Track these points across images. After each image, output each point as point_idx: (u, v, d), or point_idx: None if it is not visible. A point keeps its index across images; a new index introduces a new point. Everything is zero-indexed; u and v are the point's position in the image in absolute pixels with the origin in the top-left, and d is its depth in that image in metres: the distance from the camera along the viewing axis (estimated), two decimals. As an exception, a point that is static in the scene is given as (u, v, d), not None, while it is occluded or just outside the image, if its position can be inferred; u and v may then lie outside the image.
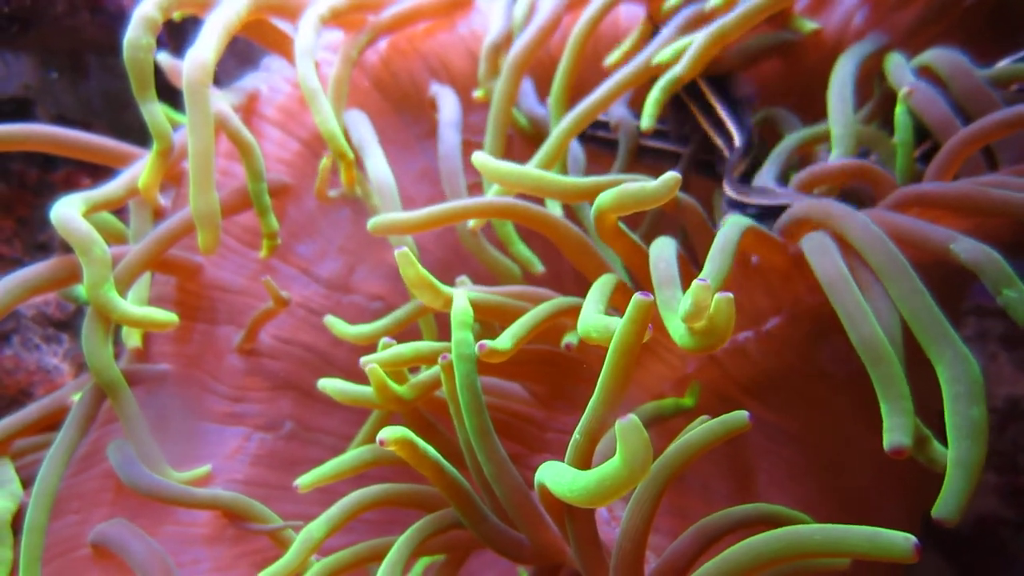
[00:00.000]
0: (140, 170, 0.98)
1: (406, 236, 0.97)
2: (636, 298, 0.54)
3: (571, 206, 1.02)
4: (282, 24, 1.09)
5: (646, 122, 0.96)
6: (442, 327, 0.98)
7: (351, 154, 1.02)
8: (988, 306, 1.27)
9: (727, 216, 0.80)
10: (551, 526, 0.69)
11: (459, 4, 1.13)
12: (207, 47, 0.96)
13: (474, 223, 0.99)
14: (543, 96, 1.10)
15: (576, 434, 0.60)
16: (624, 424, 0.46)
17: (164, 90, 1.00)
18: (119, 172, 1.02)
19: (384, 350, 0.79)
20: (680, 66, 0.94)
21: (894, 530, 0.53)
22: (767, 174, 0.91)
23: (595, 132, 1.10)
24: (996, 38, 0.97)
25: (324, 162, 1.02)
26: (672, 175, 0.68)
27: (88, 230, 0.89)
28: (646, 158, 1.07)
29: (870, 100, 0.96)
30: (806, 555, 0.53)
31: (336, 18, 1.08)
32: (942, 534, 1.21)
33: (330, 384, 0.84)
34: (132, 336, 1.01)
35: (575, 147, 1.07)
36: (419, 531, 0.72)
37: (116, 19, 1.51)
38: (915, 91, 0.82)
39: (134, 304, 0.95)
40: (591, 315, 0.69)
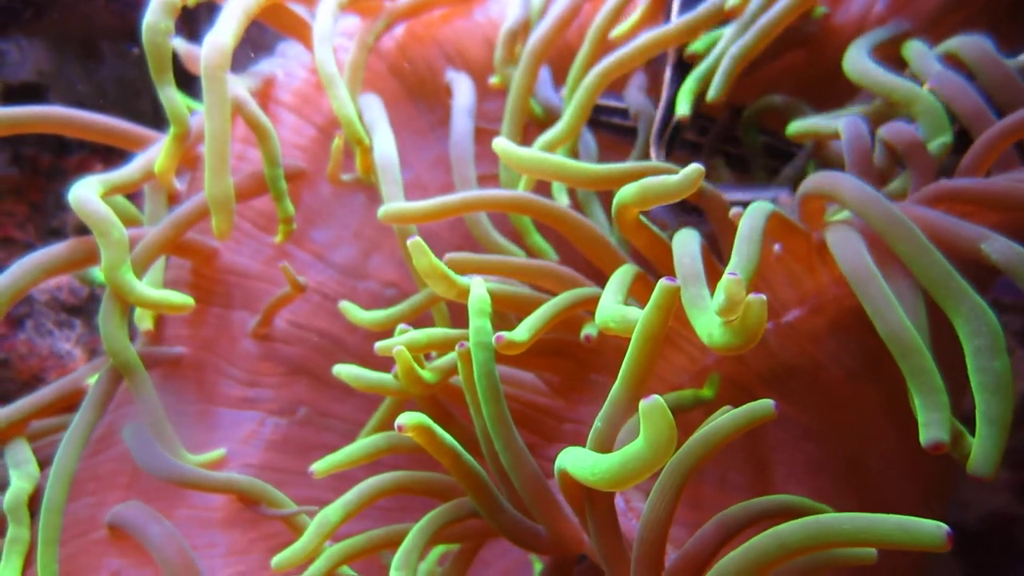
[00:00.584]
0: (156, 154, 0.98)
1: (412, 225, 0.96)
2: (662, 283, 0.53)
3: (578, 199, 1.02)
4: (298, 9, 1.09)
5: (683, 109, 0.94)
6: (454, 315, 0.98)
7: (367, 140, 1.01)
8: (1005, 302, 1.26)
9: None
10: (569, 516, 0.68)
11: (476, -10, 1.13)
12: (226, 31, 0.96)
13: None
14: (559, 85, 1.09)
15: (597, 422, 0.60)
16: (648, 404, 0.45)
17: (178, 77, 1.00)
18: (132, 157, 1.02)
19: (400, 335, 0.78)
20: (713, 90, 0.93)
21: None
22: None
23: (611, 119, 1.09)
24: (1021, 25, 0.95)
25: (336, 142, 1.02)
26: (695, 167, 0.67)
27: (106, 212, 0.89)
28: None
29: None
30: (834, 544, 0.51)
31: (353, 4, 1.07)
32: (955, 529, 1.20)
33: (345, 370, 0.83)
34: (145, 319, 1.01)
35: (587, 135, 1.07)
36: (435, 520, 0.72)
37: (130, 5, 1.51)
38: (943, 80, 0.81)
39: (148, 287, 0.95)
40: (609, 305, 0.68)
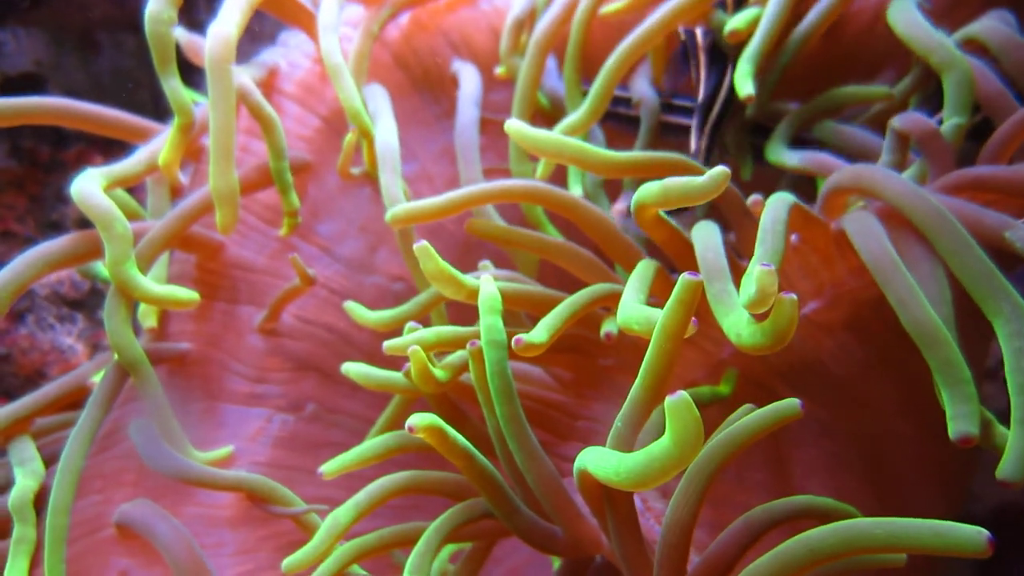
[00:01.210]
0: (159, 146, 0.96)
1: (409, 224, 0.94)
2: (684, 278, 0.52)
3: (586, 191, 1.00)
4: (302, -1, 1.07)
5: (748, 89, 0.87)
6: (454, 313, 0.96)
7: (374, 131, 0.99)
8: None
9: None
10: (586, 516, 0.67)
11: (482, -22, 1.11)
12: (230, 21, 0.94)
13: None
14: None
15: (617, 421, 0.58)
16: (674, 401, 0.44)
17: (179, 67, 0.98)
18: (132, 149, 1.00)
19: (411, 334, 0.77)
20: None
21: (930, 517, 0.51)
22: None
23: (615, 108, 1.07)
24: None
25: (349, 138, 1.00)
26: (721, 169, 0.65)
27: (109, 206, 0.87)
28: (668, 135, 1.04)
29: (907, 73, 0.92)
30: (866, 551, 0.49)
31: (357, -8, 1.05)
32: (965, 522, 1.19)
33: (354, 368, 0.82)
34: (149, 316, 1.00)
35: (596, 131, 1.05)
36: (448, 521, 0.71)
37: (128, -4, 1.49)
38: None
39: (153, 282, 0.94)
40: (632, 306, 0.66)
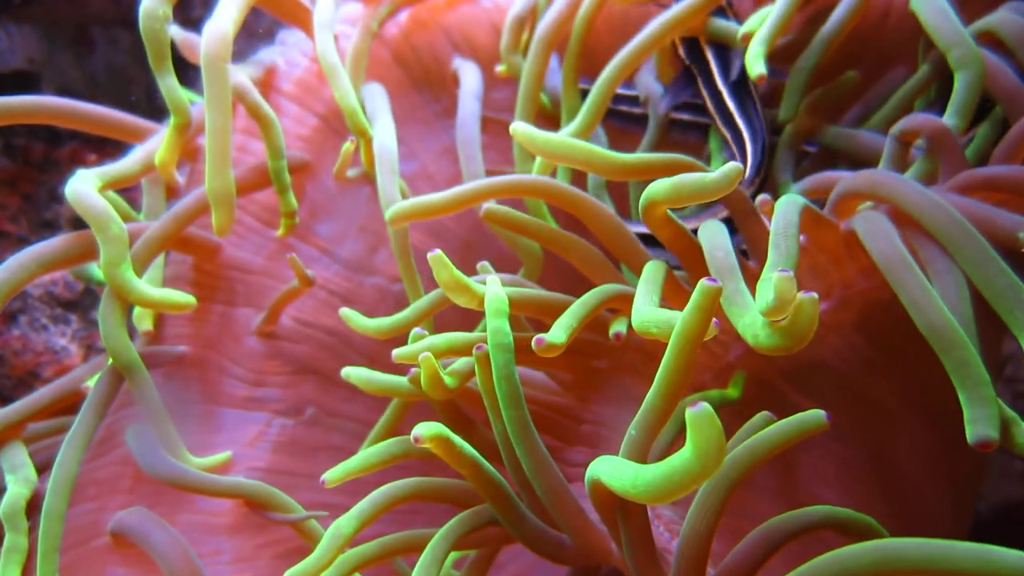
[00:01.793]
0: (155, 146, 0.94)
1: (406, 225, 0.93)
2: (703, 284, 0.50)
3: (588, 189, 0.98)
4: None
5: (757, 70, 0.84)
6: (439, 321, 0.94)
7: (371, 131, 0.98)
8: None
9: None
10: (595, 524, 0.66)
11: (483, -25, 1.09)
12: (226, 18, 0.92)
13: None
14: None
15: (632, 429, 0.57)
16: (696, 412, 0.42)
17: (175, 65, 0.96)
18: (127, 148, 0.99)
19: (417, 340, 0.75)
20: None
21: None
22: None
23: (618, 106, 1.05)
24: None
25: (347, 146, 0.99)
26: (733, 165, 0.64)
27: (105, 207, 0.85)
28: (675, 131, 1.03)
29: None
30: (901, 572, 0.47)
31: (356, -11, 1.04)
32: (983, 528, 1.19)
33: (355, 373, 0.80)
34: (144, 319, 0.98)
35: (599, 133, 1.03)
36: (454, 529, 0.69)
37: (123, -9, 1.47)
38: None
39: (149, 284, 0.92)
40: (648, 309, 0.64)
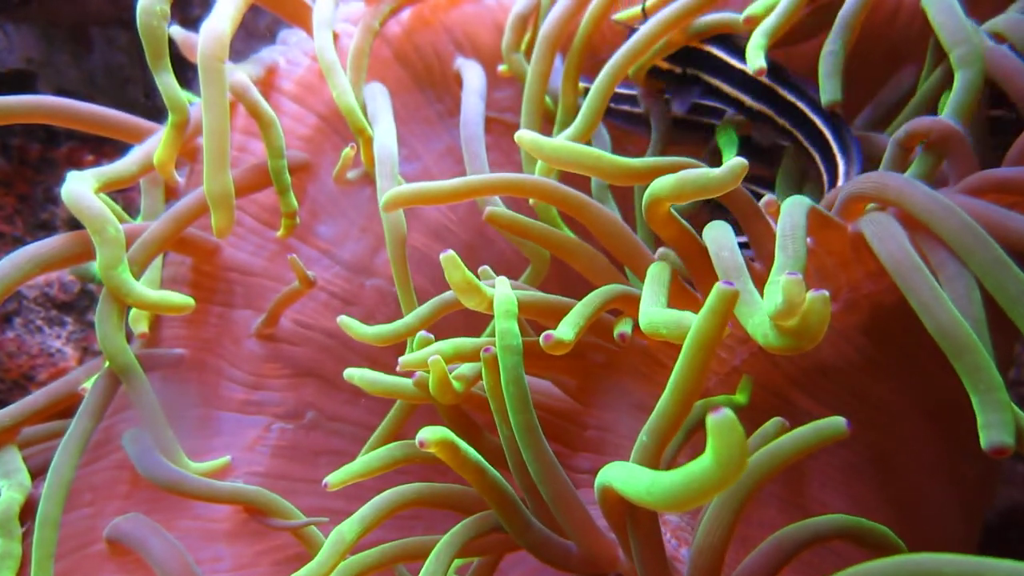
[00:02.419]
0: (153, 147, 0.93)
1: (403, 224, 0.92)
2: (719, 287, 0.49)
3: (591, 191, 0.97)
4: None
5: (757, 63, 0.84)
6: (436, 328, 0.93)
7: (370, 130, 0.97)
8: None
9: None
10: (602, 532, 0.64)
11: (486, -28, 1.08)
12: (223, 18, 0.91)
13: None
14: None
15: (643, 435, 0.55)
16: (717, 419, 0.41)
17: (175, 63, 0.95)
18: (125, 148, 0.97)
19: (423, 345, 0.74)
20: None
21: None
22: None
23: (619, 106, 1.04)
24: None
25: (347, 151, 0.98)
26: (738, 161, 0.63)
27: (101, 208, 0.84)
28: (677, 130, 1.02)
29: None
30: None
31: (358, -12, 1.03)
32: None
33: (358, 374, 0.79)
34: (140, 321, 0.97)
35: (601, 131, 1.02)
36: (458, 536, 0.68)
37: (122, -10, 1.46)
38: (994, 54, 0.76)
39: (147, 286, 0.90)
40: (656, 310, 0.64)
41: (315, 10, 1.01)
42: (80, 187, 0.86)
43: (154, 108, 1.05)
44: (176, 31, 1.09)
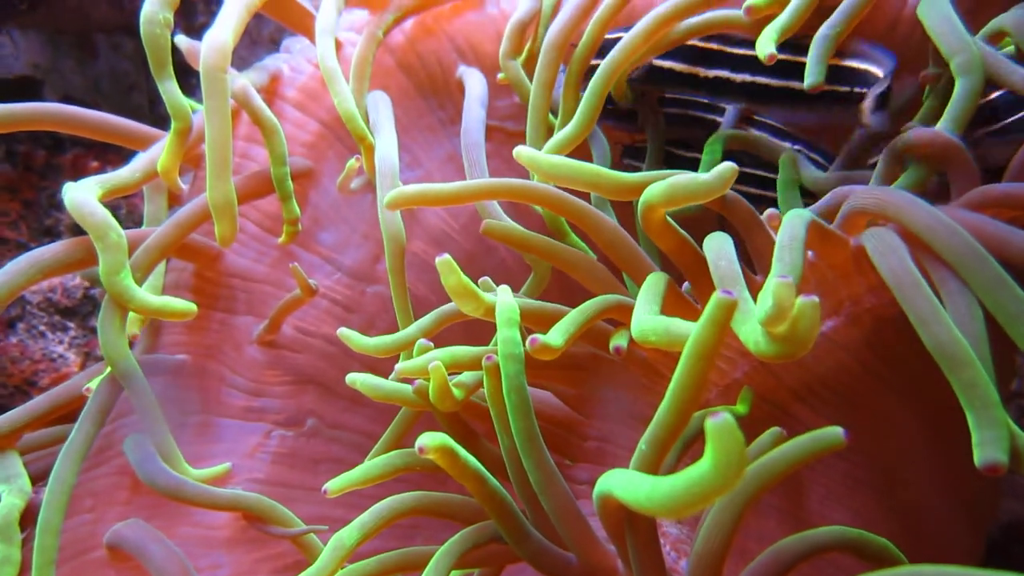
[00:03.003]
0: (156, 154, 0.93)
1: (402, 233, 0.92)
2: (718, 296, 0.49)
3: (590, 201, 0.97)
4: (304, 1, 1.05)
5: (768, 51, 0.83)
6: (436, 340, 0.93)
7: (371, 137, 0.97)
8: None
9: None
10: (601, 543, 0.64)
11: (488, -18, 1.09)
12: (226, 28, 0.91)
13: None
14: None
15: (642, 444, 0.55)
16: (716, 423, 0.41)
17: (179, 70, 0.96)
18: (129, 155, 0.98)
19: (422, 353, 0.74)
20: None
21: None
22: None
23: (611, 105, 1.04)
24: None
25: (351, 163, 0.98)
26: (728, 166, 0.63)
27: (104, 215, 0.84)
28: (673, 127, 1.02)
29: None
30: None
31: (361, -4, 1.03)
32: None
33: (361, 379, 0.79)
34: (132, 324, 0.97)
35: (598, 131, 1.02)
36: (457, 545, 0.68)
37: (126, -1, 1.47)
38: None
39: (149, 292, 0.91)
40: (647, 317, 0.63)
41: (318, 18, 1.01)
42: (83, 194, 0.86)
43: (158, 114, 1.06)
44: (181, 40, 1.10)
